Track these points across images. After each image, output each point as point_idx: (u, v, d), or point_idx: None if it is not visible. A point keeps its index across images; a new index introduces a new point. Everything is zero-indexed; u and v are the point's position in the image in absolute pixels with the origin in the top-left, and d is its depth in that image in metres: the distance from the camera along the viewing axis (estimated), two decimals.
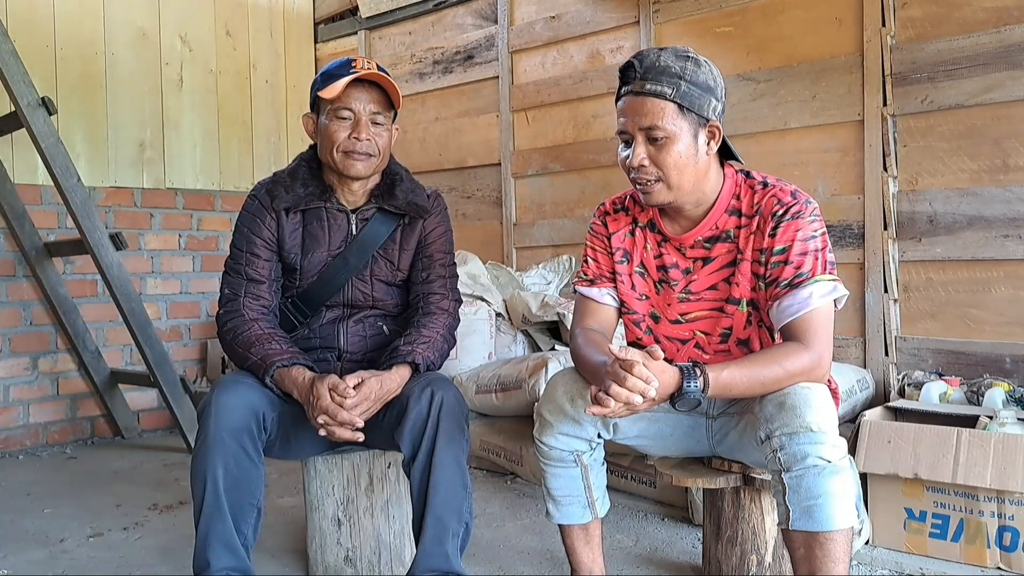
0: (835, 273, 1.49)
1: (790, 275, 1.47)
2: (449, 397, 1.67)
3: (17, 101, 2.99)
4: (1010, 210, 2.40)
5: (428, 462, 1.63)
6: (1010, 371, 2.39)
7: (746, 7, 2.93)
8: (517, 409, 2.85)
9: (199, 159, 4.01)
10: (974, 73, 2.43)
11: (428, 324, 1.84)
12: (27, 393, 3.47)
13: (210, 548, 1.58)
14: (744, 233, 1.55)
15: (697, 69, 1.48)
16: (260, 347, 1.75)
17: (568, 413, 1.61)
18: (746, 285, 1.56)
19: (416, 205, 1.87)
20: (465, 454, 1.69)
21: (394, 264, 1.89)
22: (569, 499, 1.69)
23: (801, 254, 1.47)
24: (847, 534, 1.38)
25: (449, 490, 1.64)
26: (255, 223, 1.85)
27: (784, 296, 1.47)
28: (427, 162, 3.98)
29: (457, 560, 1.66)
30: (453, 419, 1.66)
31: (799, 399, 1.39)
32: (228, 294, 1.85)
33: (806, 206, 1.50)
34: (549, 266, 3.50)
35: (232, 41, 4.16)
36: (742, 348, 1.60)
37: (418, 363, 1.77)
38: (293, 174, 1.87)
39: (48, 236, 3.50)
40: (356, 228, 1.87)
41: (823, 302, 1.45)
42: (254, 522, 1.65)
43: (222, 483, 1.58)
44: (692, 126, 1.48)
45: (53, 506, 2.63)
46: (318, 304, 1.87)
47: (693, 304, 1.62)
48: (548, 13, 3.52)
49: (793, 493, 1.38)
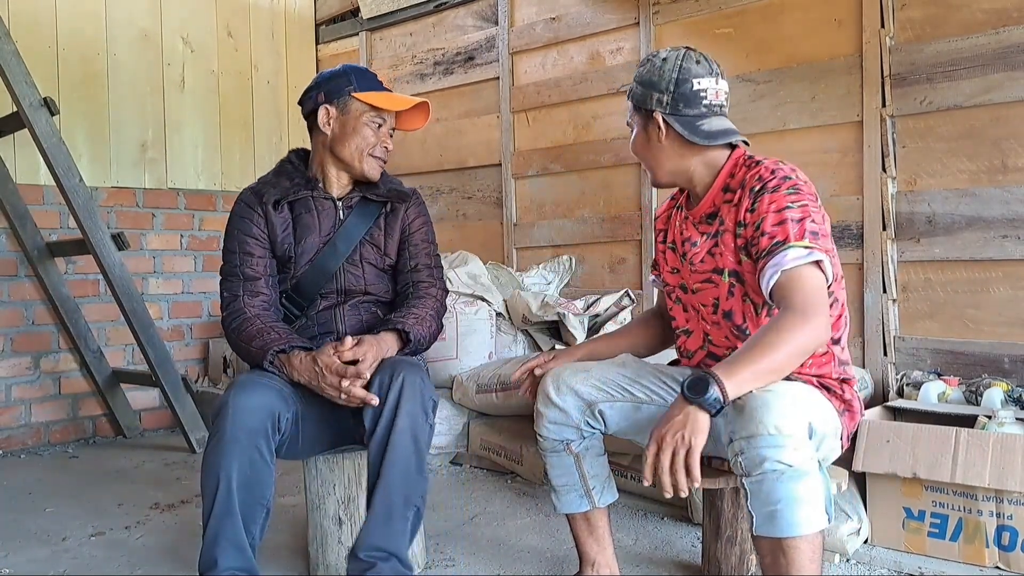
0: (817, 243, 1.48)
1: (767, 244, 1.50)
2: (414, 379, 1.68)
3: (19, 101, 3.00)
4: (1009, 211, 2.41)
5: (386, 439, 1.64)
6: (1008, 371, 2.40)
7: (745, 8, 2.94)
8: (517, 409, 2.86)
9: (201, 159, 4.02)
10: (973, 74, 2.44)
11: (418, 304, 1.92)
12: (29, 392, 3.48)
13: (218, 547, 1.58)
14: (727, 207, 1.62)
15: (648, 68, 1.66)
16: (260, 339, 1.79)
17: (555, 403, 1.70)
18: (728, 256, 1.61)
19: (397, 191, 1.98)
20: (425, 438, 1.69)
21: (381, 249, 1.96)
22: (566, 488, 1.77)
23: (776, 224, 1.50)
24: (812, 540, 1.36)
25: (403, 470, 1.64)
26: (244, 222, 1.91)
27: (764, 264, 1.50)
28: (428, 163, 3.99)
29: (403, 542, 1.66)
30: (416, 401, 1.66)
31: (759, 402, 1.37)
32: (228, 296, 1.90)
33: (784, 180, 1.54)
34: (549, 266, 3.51)
35: (233, 42, 4.17)
36: (727, 320, 1.64)
37: (407, 331, 1.82)
38: (278, 173, 1.98)
39: (50, 236, 3.51)
40: (343, 214, 1.94)
41: (797, 264, 1.46)
42: (262, 522, 1.66)
43: (235, 483, 1.59)
44: (643, 119, 1.67)
45: (55, 505, 2.64)
46: (313, 293, 1.92)
47: (695, 275, 1.69)
48: (548, 14, 3.53)
49: (754, 498, 1.37)
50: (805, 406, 1.40)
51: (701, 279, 1.68)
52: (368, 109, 1.90)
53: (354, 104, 1.90)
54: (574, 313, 3.03)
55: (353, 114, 1.90)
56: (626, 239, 3.30)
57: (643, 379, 1.73)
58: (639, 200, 3.26)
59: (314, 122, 1.93)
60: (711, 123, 1.62)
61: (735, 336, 1.64)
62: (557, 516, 2.36)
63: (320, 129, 1.92)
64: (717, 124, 1.63)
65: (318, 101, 1.91)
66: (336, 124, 1.91)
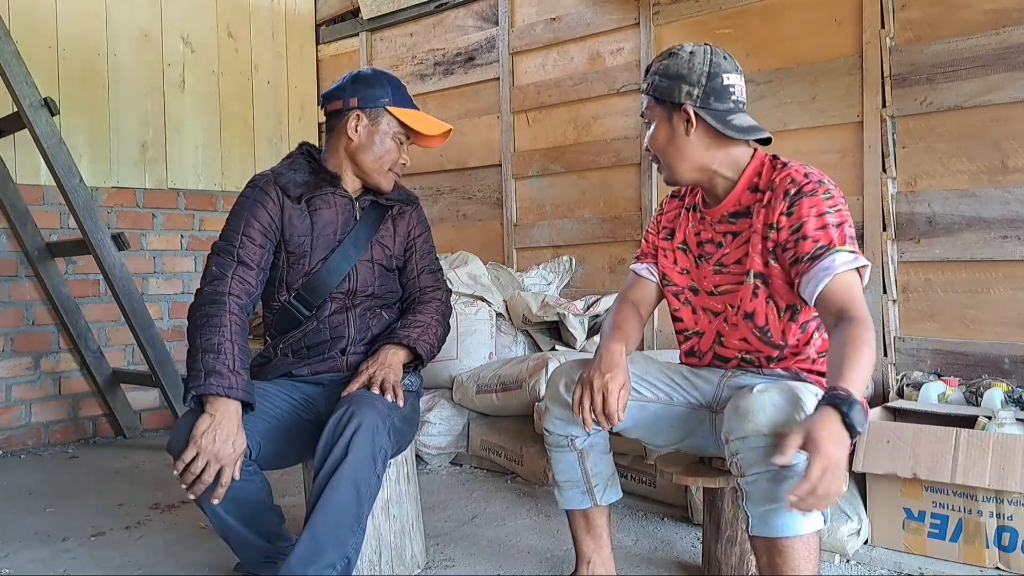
0: (856, 248, 1.50)
1: (810, 248, 1.49)
2: (368, 422, 1.58)
3: (20, 102, 3.00)
4: (1009, 211, 2.41)
5: (326, 481, 1.55)
6: (1009, 371, 2.40)
7: (745, 9, 2.94)
8: (517, 409, 2.86)
9: (201, 160, 4.03)
10: (973, 75, 2.44)
11: (422, 311, 1.93)
12: (29, 393, 3.48)
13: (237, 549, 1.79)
14: (758, 207, 1.60)
15: (670, 61, 1.62)
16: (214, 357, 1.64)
17: (563, 399, 1.69)
18: (756, 258, 1.59)
19: (405, 193, 2.01)
20: (369, 490, 1.59)
21: (390, 249, 1.96)
22: (569, 484, 1.77)
23: (819, 228, 1.50)
24: (808, 540, 1.36)
25: (337, 515, 1.55)
26: (256, 207, 1.83)
27: (809, 268, 1.49)
28: (428, 163, 3.99)
29: None
30: (363, 449, 1.57)
31: (753, 403, 1.38)
32: (215, 271, 1.78)
33: (819, 185, 1.53)
34: (549, 267, 3.51)
35: (234, 42, 4.17)
36: (748, 321, 1.63)
37: (414, 347, 1.83)
38: (293, 167, 1.91)
39: (50, 236, 3.51)
40: (359, 215, 1.93)
41: (847, 269, 1.46)
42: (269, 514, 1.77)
43: (221, 510, 1.67)
44: (666, 112, 1.62)
45: (55, 505, 2.64)
46: (324, 293, 1.88)
47: (724, 276, 1.67)
48: (549, 15, 3.53)
49: (750, 499, 1.38)
50: (800, 406, 1.40)
51: (732, 281, 1.65)
52: (399, 126, 1.88)
53: (386, 118, 1.86)
54: (574, 313, 3.03)
55: (383, 127, 1.87)
56: (626, 239, 3.30)
57: (649, 377, 1.73)
58: (639, 201, 3.26)
59: (338, 121, 1.88)
60: (740, 119, 1.61)
61: (756, 337, 1.64)
62: (557, 516, 2.37)
63: (345, 132, 1.86)
64: (746, 120, 1.63)
65: (351, 105, 1.85)
66: (364, 132, 1.86)
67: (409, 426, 1.88)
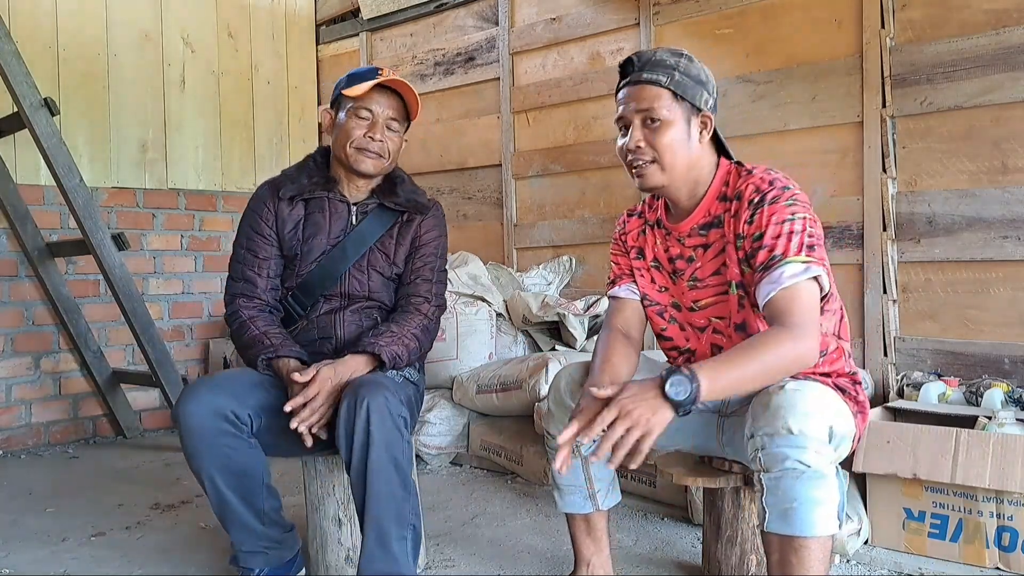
0: (814, 256, 1.47)
1: (764, 258, 1.48)
2: (377, 400, 1.62)
3: (20, 102, 3.00)
4: (1009, 211, 2.41)
5: (363, 467, 1.61)
6: (1009, 371, 2.40)
7: (745, 9, 2.94)
8: (517, 409, 2.86)
9: (201, 160, 4.02)
10: (973, 75, 2.44)
11: (400, 321, 1.89)
12: (29, 393, 3.48)
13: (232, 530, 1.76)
14: (727, 217, 1.58)
15: (690, 64, 1.58)
16: (255, 347, 1.83)
17: (567, 404, 1.68)
18: (734, 268, 1.58)
19: (416, 202, 1.97)
20: (405, 455, 1.66)
21: (390, 257, 1.95)
22: (571, 488, 1.76)
23: (775, 237, 1.48)
24: (823, 542, 1.36)
25: (386, 494, 1.62)
26: (255, 218, 1.94)
27: (761, 279, 1.48)
28: (428, 163, 3.99)
29: (406, 561, 1.65)
30: (384, 421, 1.61)
31: (784, 400, 1.38)
32: (227, 296, 1.96)
33: (782, 192, 1.51)
34: (549, 267, 3.51)
35: (234, 42, 4.17)
36: (740, 333, 1.61)
37: (377, 354, 1.79)
38: (300, 168, 1.99)
39: (50, 236, 3.51)
40: (356, 219, 1.94)
41: (795, 282, 1.44)
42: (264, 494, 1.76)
43: (219, 480, 1.69)
44: (685, 113, 1.56)
45: (55, 505, 2.64)
46: (316, 294, 1.92)
47: (701, 291, 1.65)
48: (549, 15, 3.53)
49: (771, 495, 1.38)
50: (828, 410, 1.40)
51: (710, 294, 1.63)
52: (351, 102, 1.90)
53: (342, 101, 1.93)
54: (574, 313, 3.03)
55: (342, 111, 1.92)
56: None
57: None
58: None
59: None
60: None
61: None
62: (557, 516, 2.36)
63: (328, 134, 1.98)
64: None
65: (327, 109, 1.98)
66: (329, 125, 1.97)
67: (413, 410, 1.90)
